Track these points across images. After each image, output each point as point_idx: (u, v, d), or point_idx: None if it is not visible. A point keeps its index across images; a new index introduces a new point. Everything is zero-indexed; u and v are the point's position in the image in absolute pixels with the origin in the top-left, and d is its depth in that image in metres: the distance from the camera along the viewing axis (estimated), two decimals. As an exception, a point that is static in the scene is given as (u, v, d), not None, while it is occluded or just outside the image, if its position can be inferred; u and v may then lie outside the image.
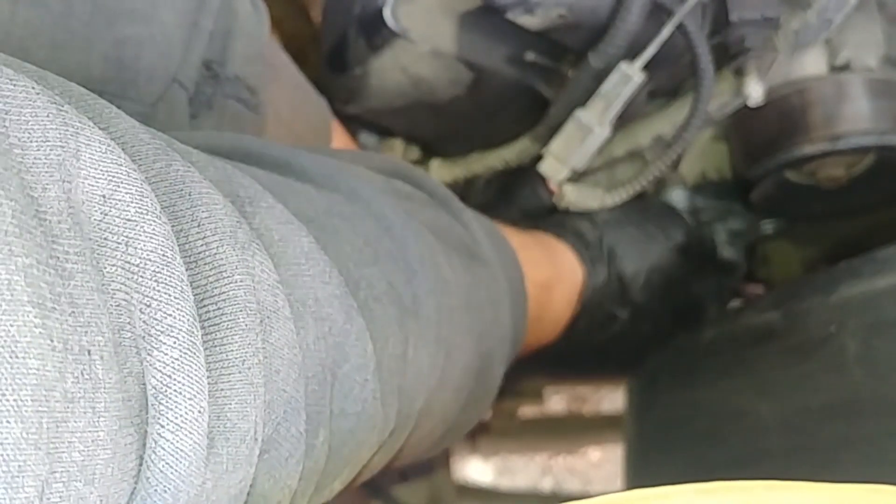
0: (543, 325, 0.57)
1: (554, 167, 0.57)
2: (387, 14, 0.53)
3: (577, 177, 0.60)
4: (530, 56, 0.55)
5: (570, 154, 0.56)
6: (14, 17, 0.37)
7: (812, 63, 0.58)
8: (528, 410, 1.15)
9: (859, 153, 0.59)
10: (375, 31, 0.54)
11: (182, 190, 0.26)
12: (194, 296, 0.25)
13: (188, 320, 0.24)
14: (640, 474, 0.64)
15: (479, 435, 1.13)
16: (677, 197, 0.65)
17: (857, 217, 0.66)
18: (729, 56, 0.56)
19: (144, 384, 0.23)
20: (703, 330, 0.57)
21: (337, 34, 0.56)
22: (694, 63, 0.53)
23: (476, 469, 1.23)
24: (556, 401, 1.20)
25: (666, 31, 0.52)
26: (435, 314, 0.38)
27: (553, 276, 0.57)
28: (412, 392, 0.37)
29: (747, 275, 0.69)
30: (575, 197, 0.59)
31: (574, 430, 1.17)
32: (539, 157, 0.58)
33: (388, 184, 0.43)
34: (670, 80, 0.59)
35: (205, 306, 0.25)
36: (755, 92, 0.56)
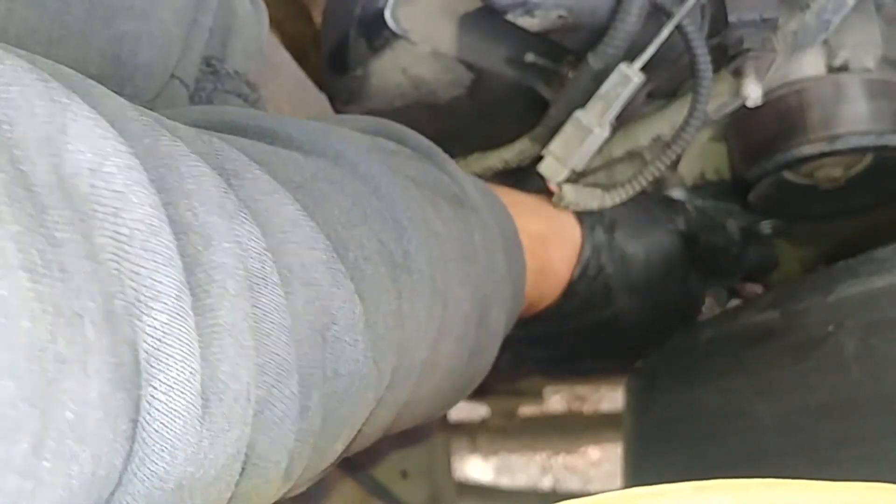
0: (544, 278, 0.57)
1: (554, 168, 0.57)
2: (387, 15, 0.53)
3: (576, 177, 0.61)
4: (530, 57, 0.55)
5: (569, 154, 0.56)
6: (11, 14, 0.37)
7: (810, 64, 0.58)
8: (527, 409, 1.15)
9: (858, 154, 0.59)
10: (376, 33, 0.54)
11: (170, 164, 0.27)
12: (184, 264, 0.25)
13: (176, 286, 0.24)
14: (639, 473, 0.64)
15: (479, 434, 1.13)
16: (676, 197, 0.65)
17: (855, 217, 0.66)
18: (727, 57, 0.57)
19: (137, 351, 0.23)
20: (702, 329, 0.57)
21: (337, 35, 0.57)
22: (692, 64, 0.54)
23: (476, 468, 1.23)
24: (556, 400, 1.20)
25: (665, 32, 0.53)
26: (427, 268, 0.39)
27: (548, 229, 0.57)
28: (411, 345, 0.38)
29: (746, 274, 0.69)
30: (574, 197, 0.59)
31: (573, 429, 1.17)
32: (539, 158, 0.58)
33: (373, 142, 0.44)
34: (669, 80, 0.60)
35: (195, 274, 0.26)
36: (754, 93, 0.56)
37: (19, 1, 0.37)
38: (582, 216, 0.60)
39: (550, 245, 0.57)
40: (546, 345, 0.65)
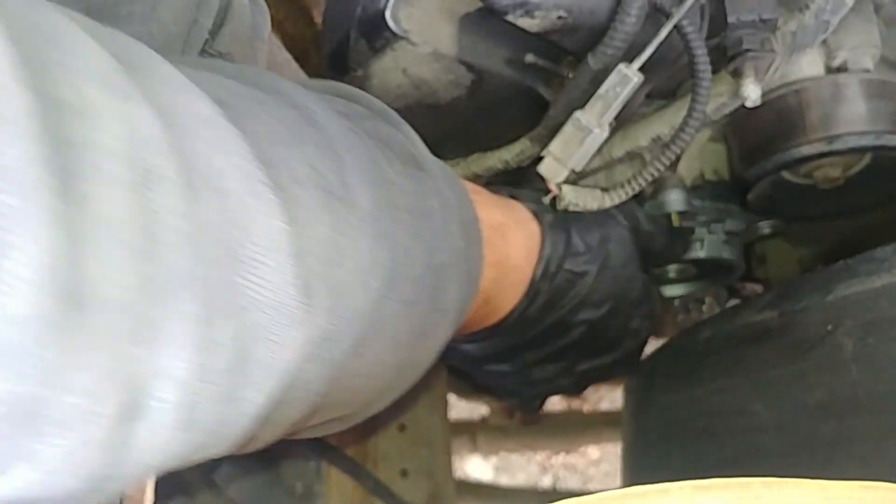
0: (505, 272, 0.55)
1: (553, 168, 0.57)
2: (388, 16, 0.53)
3: (575, 178, 0.61)
4: (530, 58, 0.55)
5: (569, 155, 0.56)
6: None
7: (809, 64, 0.59)
8: (527, 409, 1.15)
9: (856, 154, 0.59)
10: (376, 33, 0.54)
11: (56, 39, 0.24)
12: (50, 140, 0.22)
13: (25, 161, 0.22)
14: (637, 472, 0.64)
15: (479, 433, 1.13)
16: (675, 197, 0.65)
17: (853, 217, 0.66)
18: (727, 57, 0.57)
19: None
20: (701, 329, 0.57)
21: (338, 36, 0.57)
22: (692, 64, 0.54)
23: (476, 467, 1.24)
24: (556, 400, 1.20)
25: (663, 33, 0.53)
26: (373, 207, 0.36)
27: (507, 220, 0.56)
28: (350, 288, 0.34)
29: (745, 274, 0.69)
30: (574, 197, 0.59)
31: (573, 428, 1.18)
32: (539, 158, 0.58)
33: (321, 97, 0.41)
34: (668, 81, 0.60)
35: (63, 154, 0.23)
36: (753, 93, 0.56)
37: None
38: (537, 210, 0.58)
39: (510, 236, 0.55)
40: (504, 359, 0.62)
